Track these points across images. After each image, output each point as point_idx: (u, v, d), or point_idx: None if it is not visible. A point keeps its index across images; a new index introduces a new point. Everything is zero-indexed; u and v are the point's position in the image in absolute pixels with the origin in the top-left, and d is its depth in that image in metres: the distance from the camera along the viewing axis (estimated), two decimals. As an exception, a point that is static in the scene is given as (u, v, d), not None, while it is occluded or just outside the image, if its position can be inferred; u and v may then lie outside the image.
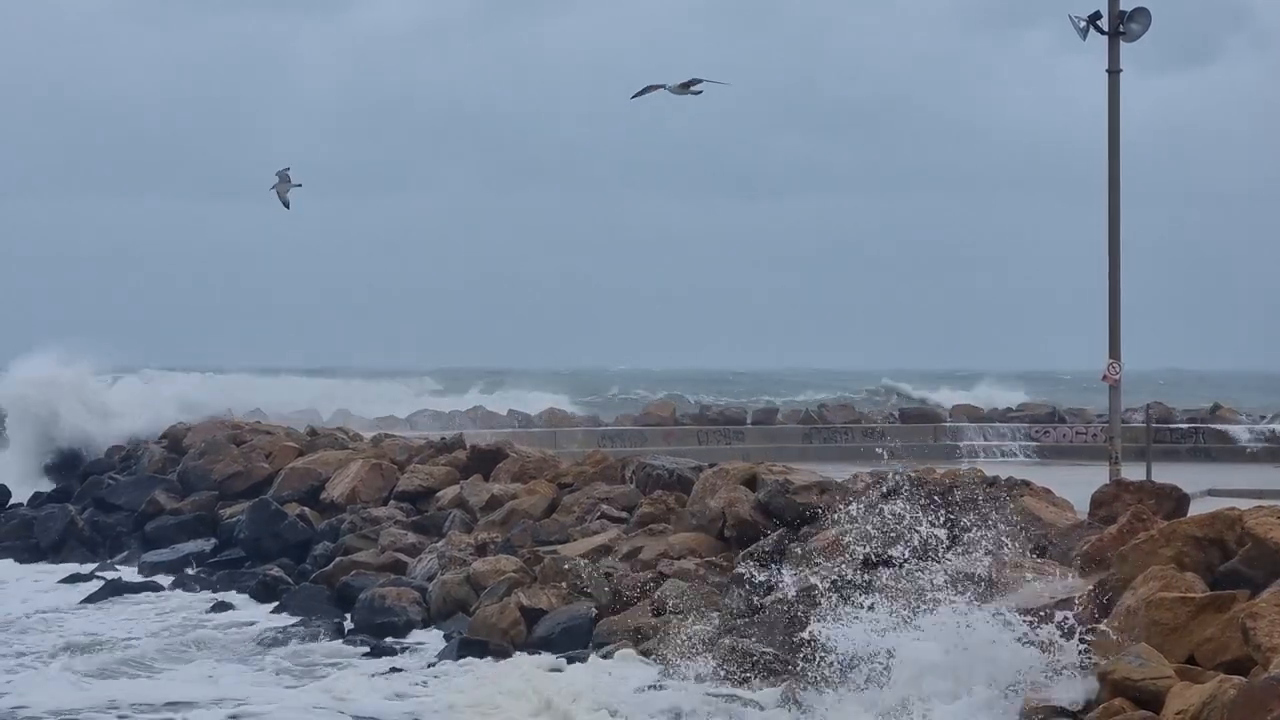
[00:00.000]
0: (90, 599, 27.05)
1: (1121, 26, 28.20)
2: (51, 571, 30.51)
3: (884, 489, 20.36)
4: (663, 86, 26.57)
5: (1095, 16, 28.32)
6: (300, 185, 35.41)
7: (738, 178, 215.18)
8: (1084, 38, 28.21)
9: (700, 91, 26.54)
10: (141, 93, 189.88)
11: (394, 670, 21.05)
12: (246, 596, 26.86)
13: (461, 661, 21.18)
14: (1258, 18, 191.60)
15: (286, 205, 35.26)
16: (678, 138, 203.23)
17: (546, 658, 20.84)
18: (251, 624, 24.54)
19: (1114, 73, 28.45)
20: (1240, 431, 45.41)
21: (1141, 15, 28.12)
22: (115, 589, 27.65)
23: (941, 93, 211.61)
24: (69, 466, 39.98)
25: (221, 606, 25.94)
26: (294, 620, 24.27)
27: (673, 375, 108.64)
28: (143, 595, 27.49)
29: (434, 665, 21.23)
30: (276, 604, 25.71)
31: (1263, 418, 47.89)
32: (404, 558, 26.44)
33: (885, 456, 31.15)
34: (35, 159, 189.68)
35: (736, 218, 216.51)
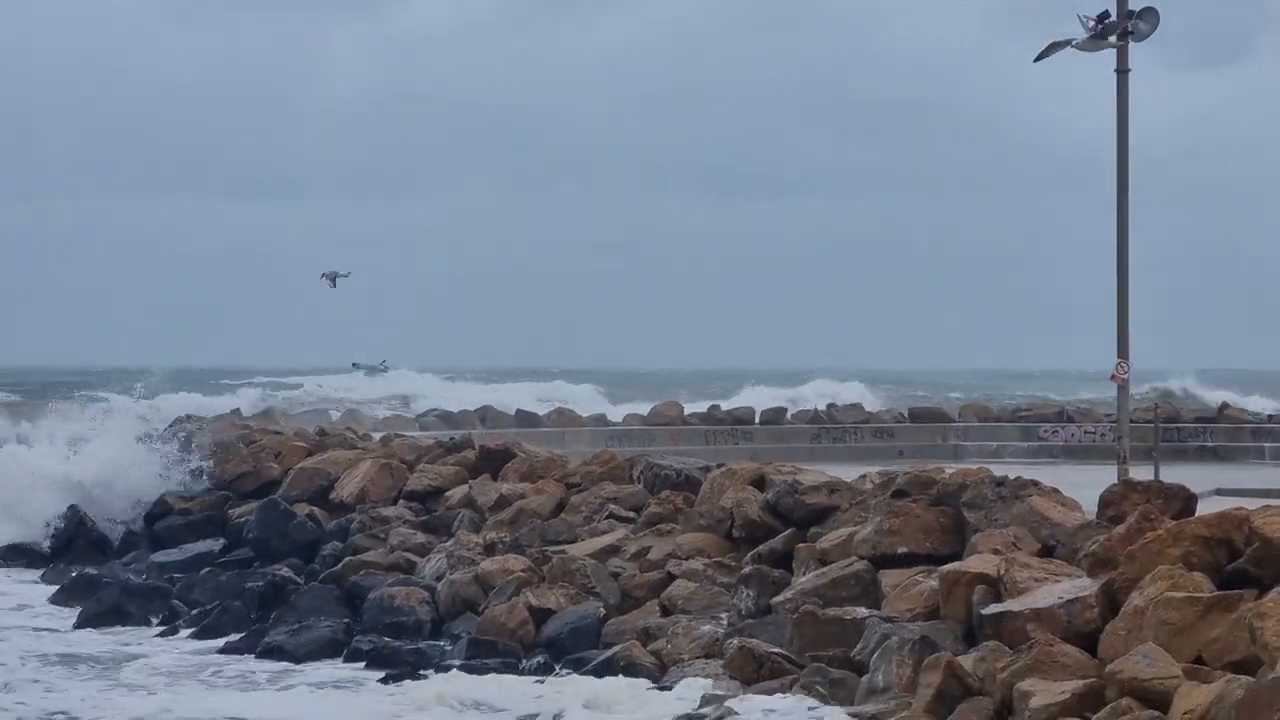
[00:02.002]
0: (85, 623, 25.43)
1: (1130, 26, 28.14)
2: (54, 580, 29.46)
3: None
4: (1069, 43, 25.73)
5: (1104, 16, 28.27)
6: (348, 275, 37.02)
7: (759, 177, 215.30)
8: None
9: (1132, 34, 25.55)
10: (173, 92, 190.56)
11: None
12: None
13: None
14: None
15: (333, 284, 36.66)
16: (701, 138, 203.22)
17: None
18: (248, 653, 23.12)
19: (1122, 73, 28.41)
20: (1248, 431, 45.38)
21: (1149, 15, 28.00)
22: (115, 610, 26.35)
23: (967, 92, 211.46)
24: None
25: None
26: (295, 625, 23.58)
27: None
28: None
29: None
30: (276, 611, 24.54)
31: (1270, 417, 47.83)
32: (413, 557, 26.46)
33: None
34: (65, 157, 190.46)
35: (757, 217, 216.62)
